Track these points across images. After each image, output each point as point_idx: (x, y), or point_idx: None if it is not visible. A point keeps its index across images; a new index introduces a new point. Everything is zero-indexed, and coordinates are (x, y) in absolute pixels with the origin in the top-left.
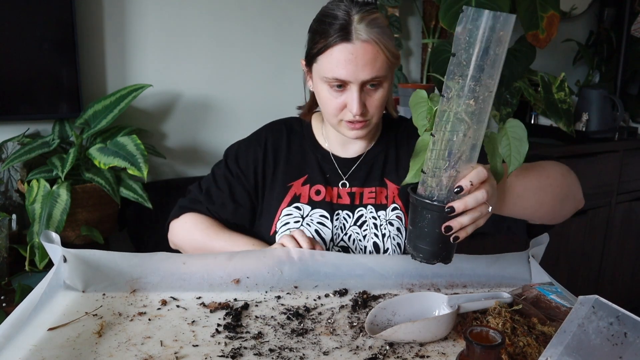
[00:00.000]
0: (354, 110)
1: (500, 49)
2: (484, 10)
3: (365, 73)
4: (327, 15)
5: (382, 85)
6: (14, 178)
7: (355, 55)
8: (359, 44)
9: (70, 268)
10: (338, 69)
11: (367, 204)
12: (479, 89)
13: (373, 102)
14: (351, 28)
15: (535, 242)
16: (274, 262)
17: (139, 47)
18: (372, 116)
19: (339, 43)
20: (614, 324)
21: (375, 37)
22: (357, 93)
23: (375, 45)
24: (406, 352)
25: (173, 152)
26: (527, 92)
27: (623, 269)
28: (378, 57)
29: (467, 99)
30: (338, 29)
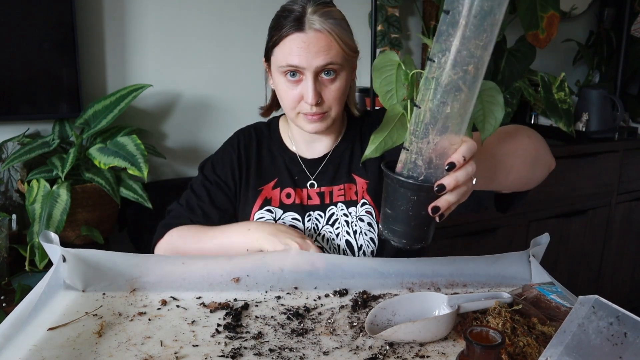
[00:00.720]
0: (309, 99)
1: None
2: None
3: (319, 60)
4: (284, 10)
5: (338, 76)
6: (14, 178)
7: (308, 43)
8: (312, 33)
9: (70, 268)
10: (291, 57)
11: (337, 201)
12: (479, 52)
13: (329, 92)
14: (304, 19)
15: (535, 242)
16: (274, 261)
17: (139, 47)
18: (330, 108)
19: (292, 33)
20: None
21: (328, 27)
22: (312, 81)
23: (328, 34)
24: (406, 352)
25: (173, 152)
26: (527, 92)
27: (623, 269)
28: (332, 46)
29: (465, 65)
30: (292, 20)
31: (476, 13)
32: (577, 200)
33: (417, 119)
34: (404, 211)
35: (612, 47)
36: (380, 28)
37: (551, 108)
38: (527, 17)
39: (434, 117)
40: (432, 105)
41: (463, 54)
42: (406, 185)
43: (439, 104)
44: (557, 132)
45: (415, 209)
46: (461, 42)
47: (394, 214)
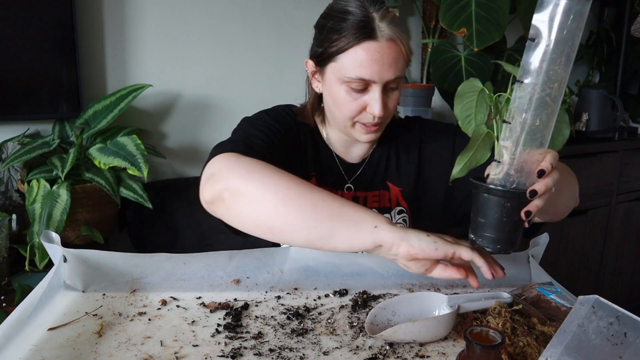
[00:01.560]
0: (376, 111)
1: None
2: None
3: (390, 73)
4: (342, 12)
5: (399, 86)
6: (14, 178)
7: (382, 54)
8: (385, 42)
9: (71, 268)
10: (363, 69)
11: (371, 207)
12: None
13: (391, 102)
14: (375, 25)
15: (534, 242)
16: (274, 262)
17: (139, 47)
18: (388, 117)
19: (363, 41)
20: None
21: (400, 36)
22: (380, 94)
23: (399, 44)
24: (406, 352)
25: (173, 152)
26: None
27: (623, 269)
28: (400, 56)
29: (550, 82)
30: (361, 26)
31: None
32: None
33: (508, 133)
34: (498, 218)
35: (612, 47)
36: None
37: None
38: (527, 17)
39: (524, 130)
40: (522, 120)
41: (550, 74)
42: (500, 193)
43: (528, 119)
44: None
45: (508, 215)
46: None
47: (486, 221)
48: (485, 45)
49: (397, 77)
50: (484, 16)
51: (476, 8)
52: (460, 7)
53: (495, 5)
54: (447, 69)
